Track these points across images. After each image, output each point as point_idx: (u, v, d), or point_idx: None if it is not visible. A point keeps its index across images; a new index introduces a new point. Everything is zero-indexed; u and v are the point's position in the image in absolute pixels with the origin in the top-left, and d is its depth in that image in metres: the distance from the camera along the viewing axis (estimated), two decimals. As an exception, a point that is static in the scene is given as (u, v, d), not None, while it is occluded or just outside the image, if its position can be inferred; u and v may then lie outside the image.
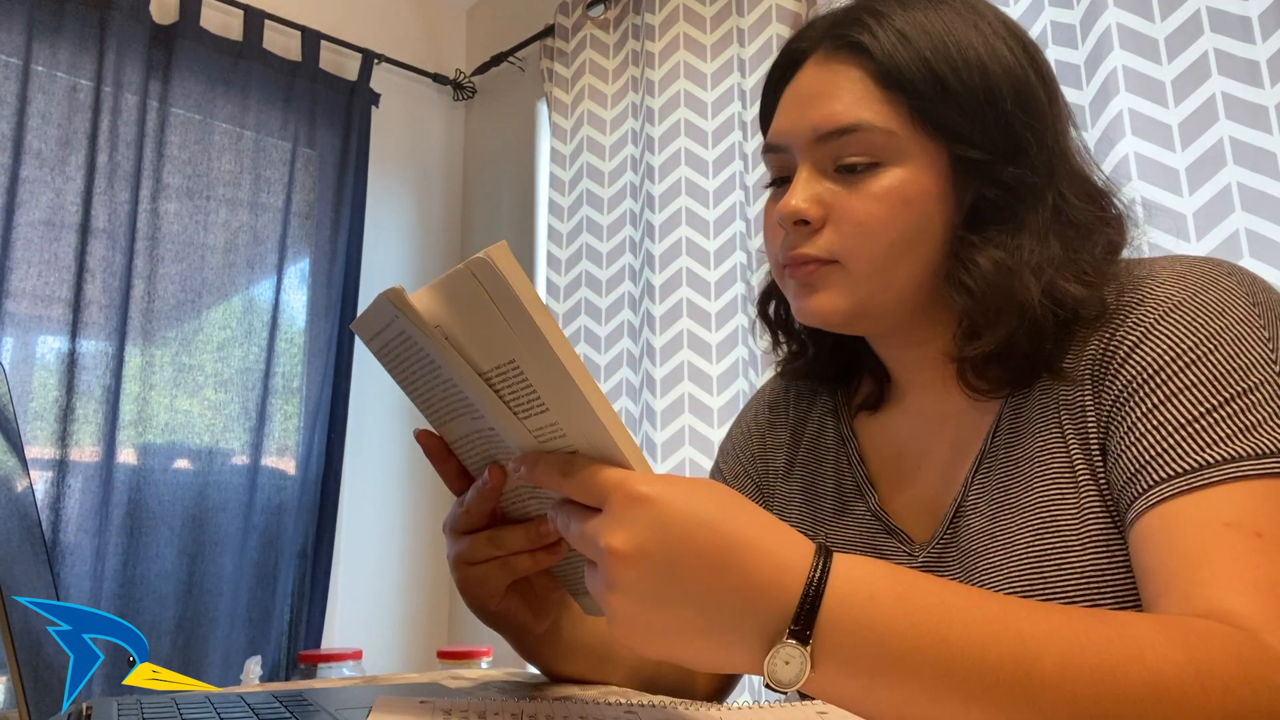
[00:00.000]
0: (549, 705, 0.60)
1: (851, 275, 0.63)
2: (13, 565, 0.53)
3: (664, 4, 2.02)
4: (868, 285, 0.63)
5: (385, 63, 2.49)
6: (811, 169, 0.64)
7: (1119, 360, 0.58)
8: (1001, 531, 0.61)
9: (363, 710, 0.64)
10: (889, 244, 0.62)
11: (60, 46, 1.96)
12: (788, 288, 0.68)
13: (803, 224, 0.63)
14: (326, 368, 2.23)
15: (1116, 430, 0.57)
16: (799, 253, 0.64)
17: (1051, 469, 0.61)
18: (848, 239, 0.62)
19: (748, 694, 1.65)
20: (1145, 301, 0.59)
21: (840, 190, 0.63)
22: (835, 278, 0.63)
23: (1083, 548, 0.58)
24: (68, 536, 1.83)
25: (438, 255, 2.60)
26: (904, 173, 0.62)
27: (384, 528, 2.37)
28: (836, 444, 0.76)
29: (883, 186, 0.62)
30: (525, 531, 0.58)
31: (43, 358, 1.89)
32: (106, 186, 1.96)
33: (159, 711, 0.63)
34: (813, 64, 0.66)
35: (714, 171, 1.89)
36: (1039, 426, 0.62)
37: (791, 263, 0.65)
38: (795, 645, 0.42)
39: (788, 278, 0.66)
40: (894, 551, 0.68)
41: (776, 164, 0.68)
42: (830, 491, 0.74)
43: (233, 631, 2.02)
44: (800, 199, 0.63)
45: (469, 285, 0.45)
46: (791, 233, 0.64)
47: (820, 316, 0.64)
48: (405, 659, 2.35)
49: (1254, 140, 1.16)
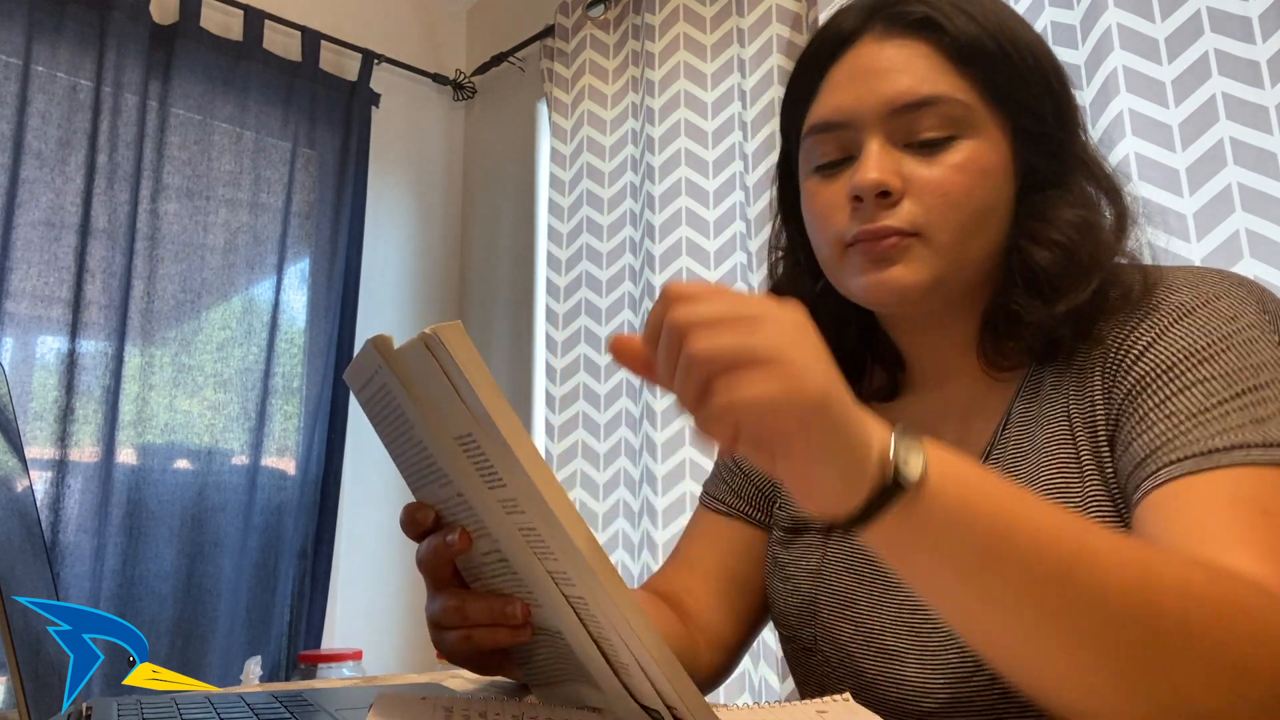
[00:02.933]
0: (550, 706, 0.60)
1: (933, 247, 0.62)
2: (13, 565, 0.53)
3: (664, 4, 2.02)
4: (947, 258, 0.63)
5: (385, 63, 2.49)
6: (883, 142, 0.63)
7: (1132, 358, 0.59)
8: None
9: (363, 710, 0.64)
10: (971, 214, 0.62)
11: (60, 46, 1.96)
12: (849, 266, 0.65)
13: (883, 196, 0.62)
14: (326, 368, 2.23)
15: (1128, 420, 0.58)
16: (880, 225, 0.62)
17: (1058, 459, 0.62)
18: (932, 210, 0.62)
19: (748, 694, 1.65)
20: (1160, 307, 0.60)
21: (916, 164, 0.63)
22: (916, 251, 0.62)
23: None
24: (68, 536, 1.83)
25: (438, 255, 2.60)
26: (978, 144, 0.63)
27: (384, 528, 2.37)
28: None
29: (962, 157, 0.62)
30: (490, 607, 0.56)
31: (43, 358, 1.89)
32: (106, 187, 1.96)
33: (159, 711, 0.63)
34: (870, 41, 0.66)
35: (714, 171, 1.89)
36: (1048, 420, 0.63)
37: (867, 237, 0.63)
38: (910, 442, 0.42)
39: (855, 254, 0.64)
40: None
41: (829, 143, 0.66)
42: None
43: (233, 631, 2.02)
44: (879, 170, 0.62)
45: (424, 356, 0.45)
46: (869, 206, 0.63)
47: (899, 290, 0.63)
48: (405, 659, 2.35)
49: (1254, 140, 1.16)
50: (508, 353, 2.42)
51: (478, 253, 2.60)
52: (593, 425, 2.03)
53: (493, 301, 2.50)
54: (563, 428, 2.07)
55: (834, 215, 0.65)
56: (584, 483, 2.01)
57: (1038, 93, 0.64)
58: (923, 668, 0.64)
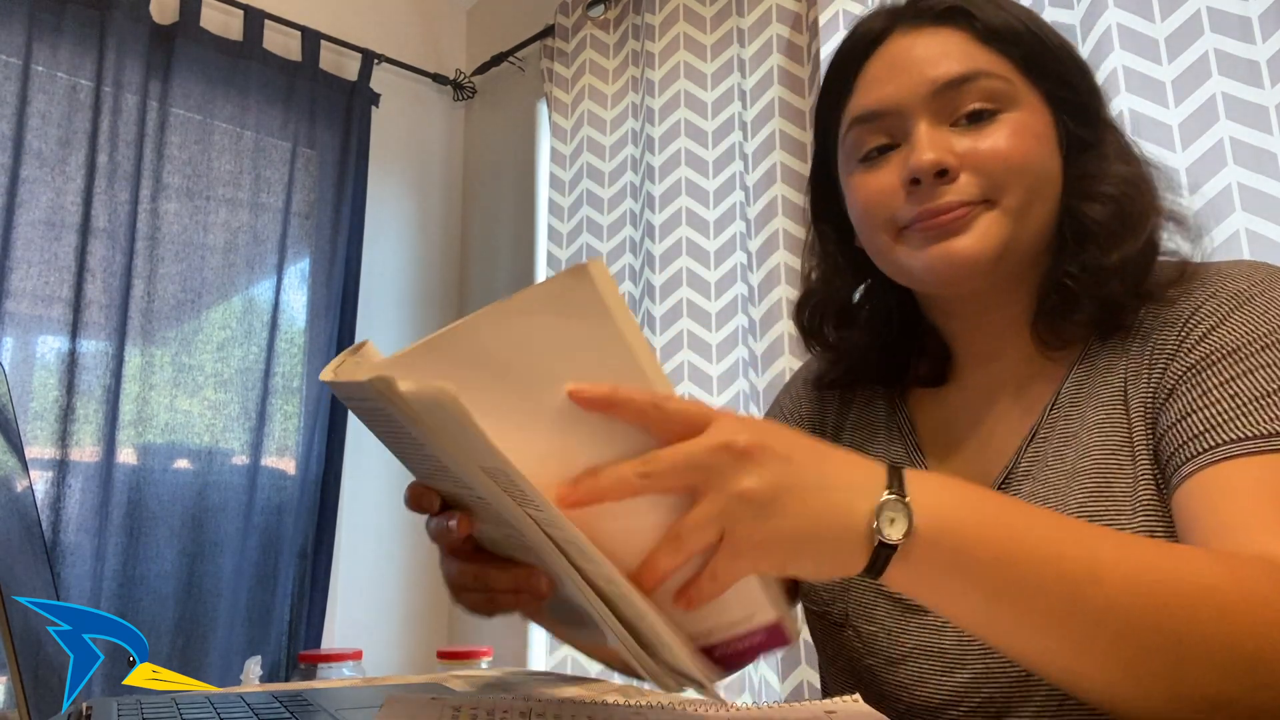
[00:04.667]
0: (556, 705, 0.60)
1: (1004, 211, 0.63)
2: (13, 565, 0.53)
3: (664, 4, 2.02)
4: (1016, 221, 0.64)
5: (385, 63, 2.49)
6: (931, 123, 0.65)
7: (1196, 338, 0.60)
8: (1053, 494, 0.63)
9: (363, 710, 0.64)
10: (1035, 177, 0.64)
11: (60, 46, 1.96)
12: (910, 246, 0.66)
13: (940, 175, 0.63)
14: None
15: (1185, 395, 0.59)
16: (944, 201, 0.63)
17: (1112, 439, 0.62)
18: (998, 174, 0.63)
19: (748, 694, 1.65)
20: (1219, 294, 0.61)
21: (968, 140, 0.64)
22: (984, 218, 0.63)
23: (1134, 513, 0.59)
24: (68, 536, 1.83)
25: (438, 255, 2.60)
26: (1023, 114, 0.65)
27: (384, 528, 2.37)
28: (887, 414, 0.77)
29: (1016, 125, 0.64)
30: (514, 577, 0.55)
31: (43, 358, 1.89)
32: (106, 186, 1.96)
33: (159, 711, 0.63)
34: (900, 36, 0.68)
35: (714, 171, 1.89)
36: (1102, 399, 0.64)
37: (930, 214, 0.64)
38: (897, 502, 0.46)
39: (914, 234, 0.65)
40: None
41: (875, 132, 0.67)
42: (881, 456, 0.75)
43: (233, 631, 2.02)
44: (934, 150, 0.63)
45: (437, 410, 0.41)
46: (927, 186, 0.63)
47: (969, 259, 0.63)
48: (405, 659, 2.35)
49: (1254, 140, 1.16)
50: (508, 353, 2.42)
51: (478, 252, 2.60)
52: (593, 425, 2.02)
53: (493, 301, 2.50)
54: (563, 428, 2.07)
55: (886, 201, 0.66)
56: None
57: (1067, 65, 0.67)
58: (958, 641, 0.64)
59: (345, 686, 0.78)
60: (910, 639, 0.67)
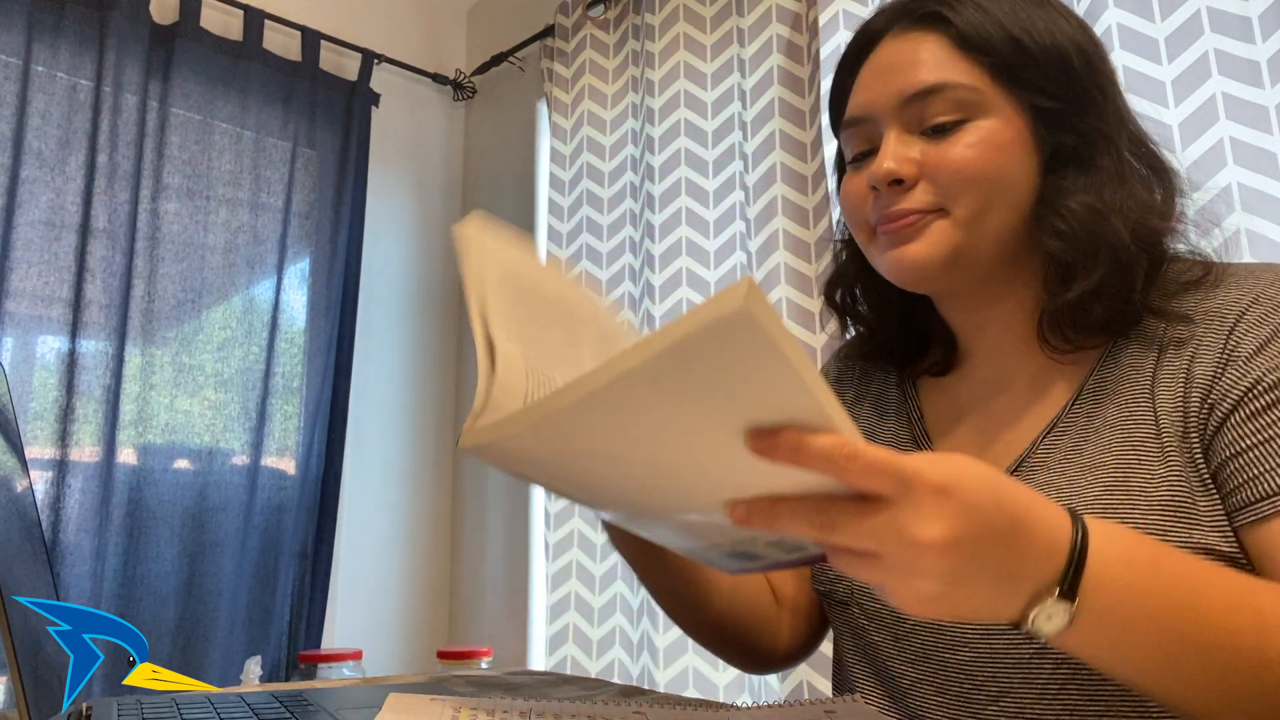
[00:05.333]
0: (556, 705, 0.60)
1: (953, 221, 0.65)
2: (13, 565, 0.53)
3: (664, 4, 2.02)
4: (966, 232, 0.65)
5: (385, 63, 2.49)
6: (899, 132, 0.67)
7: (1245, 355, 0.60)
8: (1067, 484, 0.63)
9: (363, 710, 0.64)
10: (988, 187, 0.64)
11: (60, 46, 1.96)
12: (878, 248, 0.69)
13: (897, 183, 0.66)
14: (326, 368, 2.23)
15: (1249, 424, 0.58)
16: (898, 208, 0.66)
17: (1134, 437, 0.62)
18: (947, 187, 0.65)
19: (747, 694, 1.65)
20: (1261, 301, 0.61)
21: (930, 148, 0.66)
22: (935, 226, 0.65)
23: (1149, 509, 0.59)
24: (68, 536, 1.83)
25: (438, 255, 2.60)
26: (991, 123, 0.65)
27: (384, 528, 2.37)
28: (899, 401, 0.79)
29: (975, 137, 0.65)
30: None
31: (43, 358, 1.89)
32: (106, 186, 1.96)
33: (159, 711, 0.63)
34: (889, 40, 0.70)
35: (714, 171, 1.89)
36: (1126, 399, 0.64)
37: (886, 219, 0.67)
38: (1061, 601, 0.45)
39: (880, 235, 0.68)
40: None
41: (858, 137, 0.71)
42: (889, 442, 0.77)
43: (233, 632, 2.02)
44: (893, 159, 0.66)
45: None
46: (885, 194, 0.67)
47: (918, 265, 0.66)
48: (405, 659, 2.35)
49: (1254, 140, 1.16)
50: (508, 353, 2.42)
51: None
52: (593, 425, 2.02)
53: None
54: (563, 428, 2.07)
55: (860, 203, 0.70)
56: (584, 483, 2.01)
57: (1052, 72, 0.66)
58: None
59: (345, 686, 0.78)
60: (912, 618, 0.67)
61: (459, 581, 2.44)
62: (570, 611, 1.95)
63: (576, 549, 1.98)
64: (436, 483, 2.49)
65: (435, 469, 2.49)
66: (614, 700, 0.67)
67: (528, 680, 0.84)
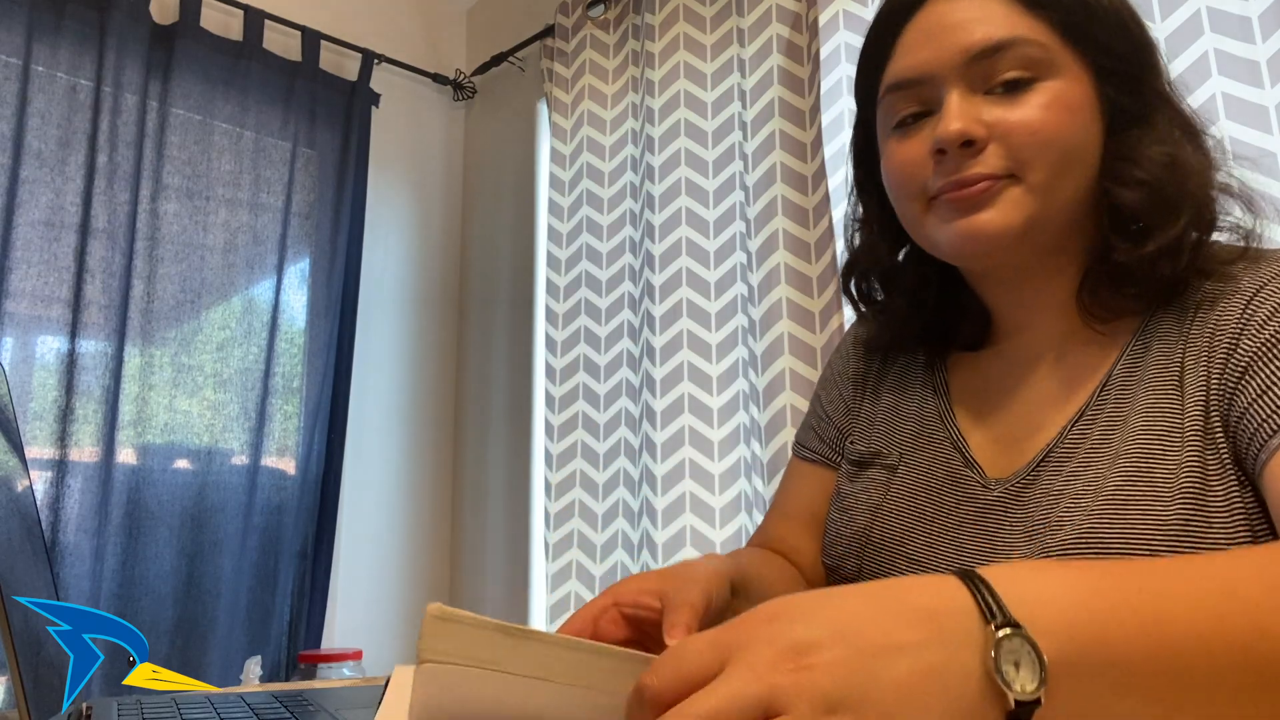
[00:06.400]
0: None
1: (1029, 187, 0.62)
2: (13, 565, 0.53)
3: (664, 4, 2.02)
4: (1042, 198, 0.62)
5: (385, 63, 2.49)
6: (963, 92, 0.63)
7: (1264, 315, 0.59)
8: (1092, 474, 0.61)
9: (363, 710, 0.64)
10: (1063, 152, 0.61)
11: (60, 46, 1.96)
12: (937, 218, 0.65)
13: (967, 145, 0.62)
14: (326, 368, 2.23)
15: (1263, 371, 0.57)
16: (970, 173, 0.62)
17: (1160, 423, 0.60)
18: (1023, 150, 0.61)
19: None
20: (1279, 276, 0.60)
21: (999, 109, 0.62)
22: (1009, 193, 0.62)
23: (1171, 499, 0.57)
24: (67, 536, 1.83)
25: (437, 255, 2.60)
26: (1060, 84, 0.62)
27: (384, 528, 2.37)
28: (925, 373, 0.77)
29: (1046, 97, 0.62)
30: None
31: (42, 358, 1.89)
32: (106, 187, 1.96)
33: (159, 711, 0.63)
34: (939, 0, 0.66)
35: (714, 171, 1.89)
36: (1155, 382, 0.62)
37: (956, 186, 0.63)
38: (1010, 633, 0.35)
39: (941, 206, 0.64)
40: (969, 483, 0.68)
41: (908, 99, 0.66)
42: (913, 416, 0.76)
43: (232, 632, 2.02)
44: (961, 119, 0.62)
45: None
46: (954, 156, 0.62)
47: (992, 235, 0.62)
48: (405, 659, 2.35)
49: (1254, 140, 1.16)
50: (507, 353, 2.42)
51: (478, 252, 2.60)
52: (592, 425, 2.03)
53: (493, 301, 2.50)
54: (562, 428, 2.07)
55: (916, 171, 0.65)
56: (583, 483, 2.01)
57: (1115, 31, 0.64)
58: None
59: (345, 686, 0.78)
60: None
61: (459, 581, 2.43)
62: (570, 611, 1.95)
63: (576, 549, 1.98)
64: (436, 483, 2.49)
65: (435, 469, 2.49)
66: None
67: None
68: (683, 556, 1.72)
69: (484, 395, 2.47)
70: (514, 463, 2.34)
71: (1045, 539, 0.61)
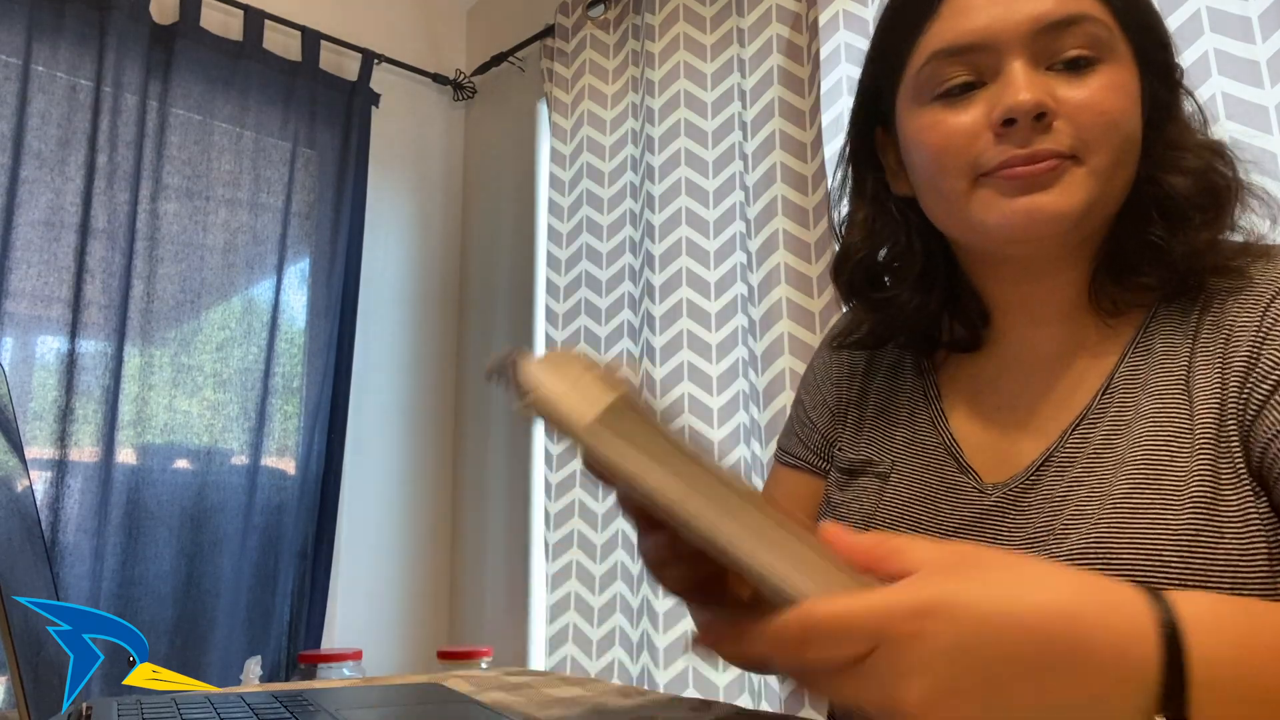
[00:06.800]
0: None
1: (1089, 169, 0.59)
2: (13, 565, 0.53)
3: (664, 4, 2.02)
4: (1102, 182, 0.59)
5: (385, 63, 2.49)
6: (1028, 63, 0.60)
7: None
8: (1097, 481, 0.59)
9: (363, 710, 0.64)
10: (1125, 137, 0.60)
11: (60, 46, 1.96)
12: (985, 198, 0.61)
13: (1039, 118, 0.58)
14: (326, 368, 2.23)
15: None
16: (1042, 148, 0.58)
17: (1167, 429, 0.58)
18: (1091, 130, 0.59)
19: (747, 695, 1.65)
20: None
21: (1065, 86, 0.59)
22: (1072, 174, 0.59)
23: (1181, 508, 0.55)
24: (67, 536, 1.83)
25: (437, 255, 2.60)
26: (1120, 68, 0.61)
27: (384, 528, 2.37)
28: (914, 374, 0.74)
29: (1113, 79, 0.60)
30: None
31: (42, 358, 1.89)
32: (106, 187, 1.96)
33: (159, 711, 0.63)
34: None
35: (714, 171, 1.89)
36: (1160, 387, 0.60)
37: (1024, 160, 0.59)
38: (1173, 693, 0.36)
39: (997, 182, 0.60)
40: (965, 488, 0.66)
41: (964, 67, 0.62)
42: (904, 420, 0.72)
43: (232, 631, 2.02)
44: (1032, 90, 0.58)
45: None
46: (1023, 129, 0.59)
47: (1053, 216, 0.59)
48: (405, 659, 2.35)
49: (1254, 140, 1.16)
50: (508, 353, 2.42)
51: (478, 252, 2.60)
52: (593, 425, 2.02)
53: (493, 301, 2.50)
54: (563, 428, 2.06)
55: (968, 144, 0.61)
56: (584, 483, 2.01)
57: (1156, 22, 0.63)
58: None
59: (345, 686, 0.78)
60: None
61: (459, 581, 2.43)
62: (570, 611, 1.95)
63: (576, 549, 1.98)
64: (436, 483, 2.49)
65: (435, 469, 2.49)
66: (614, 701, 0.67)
67: (528, 680, 0.84)
68: (683, 556, 1.72)
69: (484, 395, 2.47)
70: (514, 463, 2.34)
71: (1049, 547, 0.59)
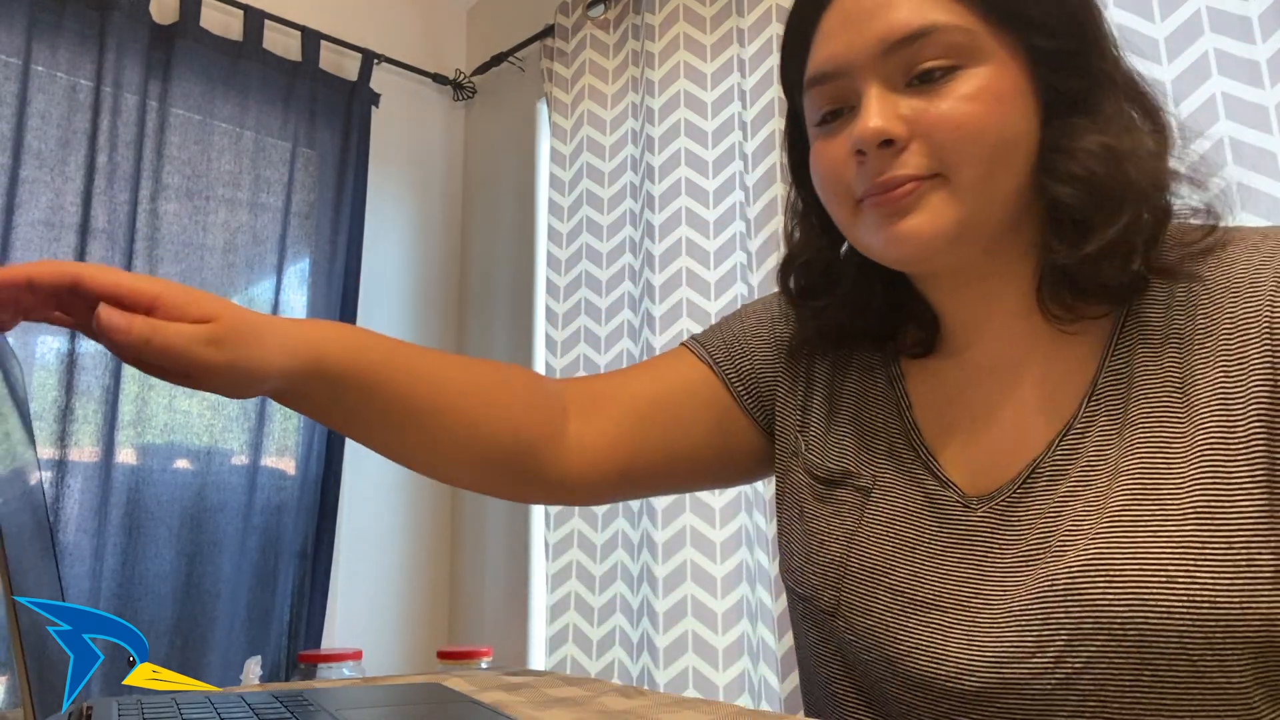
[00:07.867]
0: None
1: (956, 188, 0.57)
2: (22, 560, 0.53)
3: (664, 4, 2.02)
4: (973, 198, 0.57)
5: (385, 63, 2.49)
6: (881, 86, 0.58)
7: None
8: (1092, 494, 0.56)
9: (363, 710, 0.64)
10: (993, 146, 0.56)
11: (60, 46, 1.96)
12: (865, 225, 0.60)
13: (887, 145, 0.57)
14: (326, 368, 2.23)
15: None
16: (892, 175, 0.57)
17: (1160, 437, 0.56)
18: (948, 147, 0.56)
19: (747, 695, 1.65)
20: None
21: (920, 103, 0.57)
22: (937, 195, 0.57)
23: (1183, 518, 0.53)
24: (67, 536, 1.83)
25: (438, 255, 2.60)
26: (988, 71, 0.57)
27: (384, 528, 2.37)
28: (885, 382, 0.71)
29: (971, 87, 0.57)
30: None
31: (43, 358, 1.89)
32: (106, 187, 1.96)
33: (159, 711, 0.63)
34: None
35: (714, 171, 1.89)
36: (1150, 392, 0.57)
37: (879, 189, 0.58)
38: None
39: (868, 210, 0.60)
40: (947, 503, 0.63)
41: (826, 96, 0.62)
42: (880, 433, 0.69)
43: (232, 632, 2.02)
44: (880, 116, 0.57)
45: None
46: (873, 158, 0.58)
47: (921, 241, 0.58)
48: (405, 659, 2.35)
49: (1254, 140, 1.16)
50: (507, 352, 2.42)
51: (478, 252, 2.60)
52: (593, 425, 2.02)
53: (492, 301, 2.50)
54: (563, 428, 2.07)
55: (841, 172, 0.61)
56: (584, 483, 2.01)
57: (1050, 8, 0.58)
58: (970, 644, 0.58)
59: (345, 686, 0.78)
60: (911, 638, 0.60)
61: (459, 581, 2.44)
62: (570, 611, 1.95)
63: (576, 549, 1.98)
64: (436, 483, 2.49)
65: (435, 469, 2.49)
66: (614, 701, 0.67)
67: (528, 680, 0.84)
68: (682, 556, 1.72)
69: (484, 395, 2.47)
70: (514, 463, 2.33)
71: (1047, 562, 0.56)
